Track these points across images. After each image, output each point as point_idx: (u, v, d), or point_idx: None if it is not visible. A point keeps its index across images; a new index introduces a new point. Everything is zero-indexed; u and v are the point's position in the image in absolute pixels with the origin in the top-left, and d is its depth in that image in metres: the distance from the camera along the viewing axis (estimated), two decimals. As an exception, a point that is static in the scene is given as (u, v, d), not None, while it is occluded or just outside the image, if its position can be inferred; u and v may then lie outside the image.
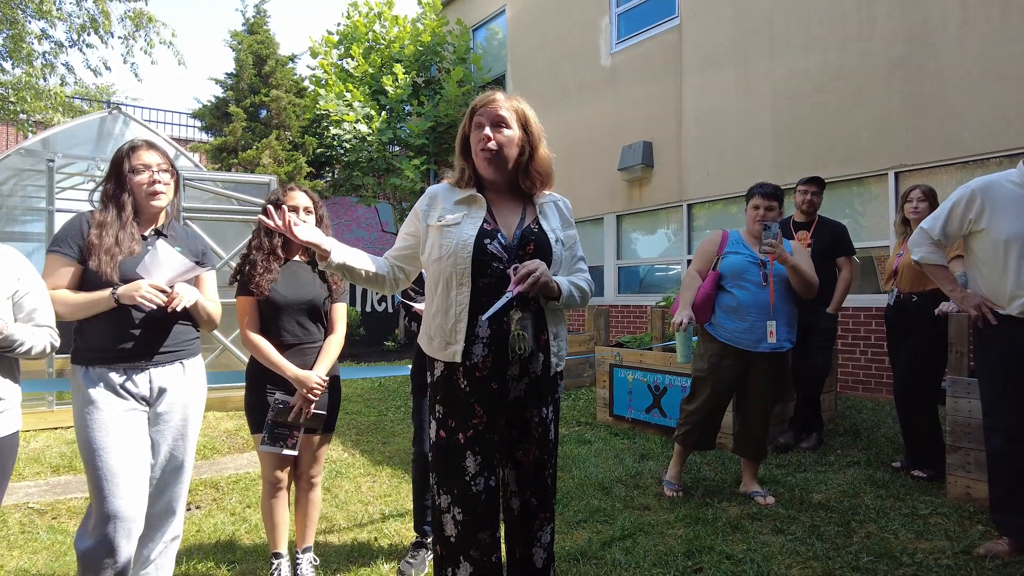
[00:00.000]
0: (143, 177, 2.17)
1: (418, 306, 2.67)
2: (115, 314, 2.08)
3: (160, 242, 2.16)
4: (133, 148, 2.20)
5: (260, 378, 2.50)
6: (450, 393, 1.94)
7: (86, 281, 2.10)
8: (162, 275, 2.10)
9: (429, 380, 2.02)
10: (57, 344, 2.02)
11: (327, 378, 2.53)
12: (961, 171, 5.83)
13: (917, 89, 6.03)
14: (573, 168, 9.42)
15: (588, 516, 3.26)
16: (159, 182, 2.19)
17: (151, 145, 2.24)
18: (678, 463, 3.68)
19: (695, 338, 3.65)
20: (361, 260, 1.98)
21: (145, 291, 2.03)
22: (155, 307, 2.06)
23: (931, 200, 3.96)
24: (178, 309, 2.11)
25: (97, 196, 2.25)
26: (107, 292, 2.04)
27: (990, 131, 5.56)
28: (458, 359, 1.89)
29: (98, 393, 2.06)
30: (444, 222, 1.94)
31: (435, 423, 1.98)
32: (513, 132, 1.94)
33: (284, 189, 2.61)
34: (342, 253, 1.93)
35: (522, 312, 1.88)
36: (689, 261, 8.33)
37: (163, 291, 2.07)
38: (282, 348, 2.49)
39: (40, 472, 4.19)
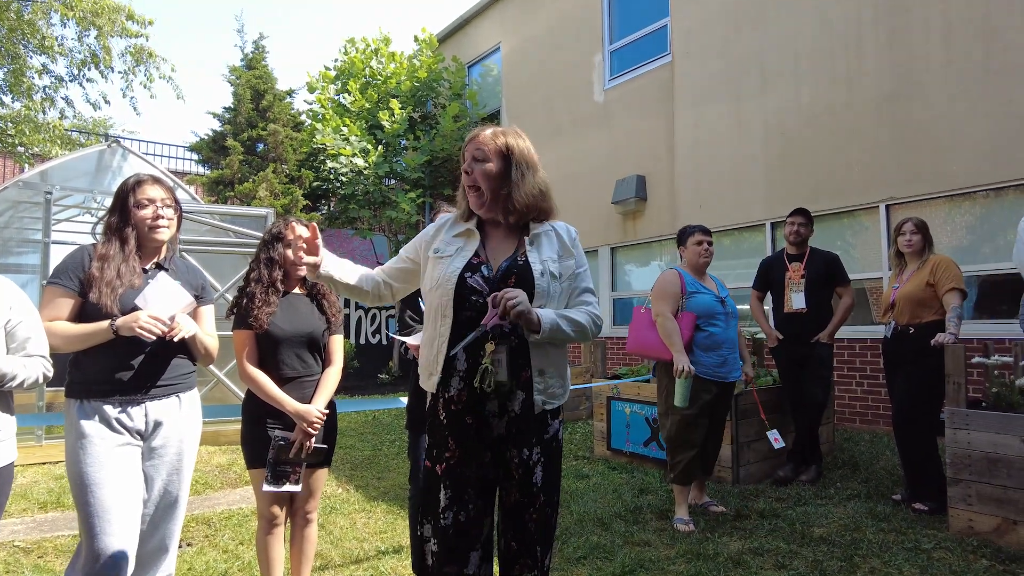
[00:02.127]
0: (147, 211, 2.18)
1: (412, 340, 2.65)
2: (112, 346, 2.06)
3: (161, 274, 2.17)
4: (139, 182, 2.22)
5: (258, 412, 2.47)
6: (433, 424, 1.97)
7: (86, 314, 2.08)
8: (162, 306, 2.09)
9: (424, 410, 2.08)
10: (50, 374, 1.98)
11: (327, 412, 2.50)
12: (949, 204, 5.93)
13: (905, 124, 6.16)
14: (568, 201, 9.49)
15: (588, 552, 3.21)
16: (162, 217, 2.20)
17: (156, 180, 2.26)
18: (683, 501, 3.70)
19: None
20: (346, 273, 2.07)
21: (144, 322, 2.01)
22: (154, 338, 2.05)
23: (923, 232, 4.02)
24: (176, 339, 2.10)
25: (100, 229, 2.26)
26: (105, 323, 2.03)
27: (976, 165, 5.67)
28: (434, 389, 1.92)
29: (92, 426, 2.03)
30: (439, 254, 1.97)
31: (423, 453, 2.03)
32: (491, 165, 1.92)
33: (286, 221, 2.61)
34: (330, 265, 2.04)
35: (496, 345, 1.83)
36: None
37: (162, 321, 2.06)
38: (280, 381, 2.47)
39: (27, 509, 4.09)
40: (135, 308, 2.08)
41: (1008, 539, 3.14)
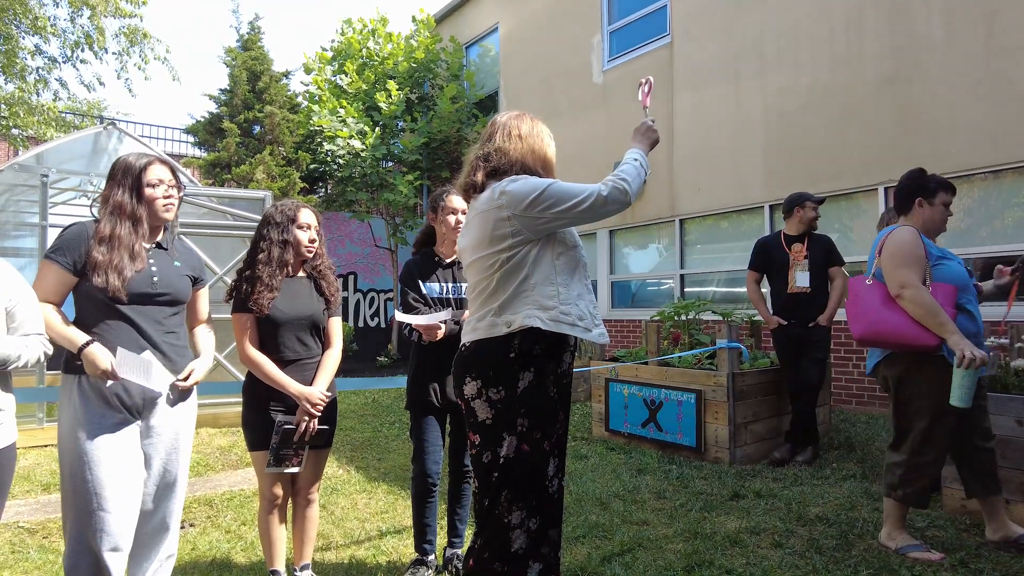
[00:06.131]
0: (158, 191, 2.18)
1: (421, 320, 2.62)
2: (111, 326, 2.07)
3: (120, 354, 2.03)
4: (149, 163, 2.20)
5: (259, 395, 2.48)
6: (538, 403, 1.94)
7: (80, 293, 2.09)
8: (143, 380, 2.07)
9: (498, 396, 1.92)
10: (50, 351, 2.00)
11: (329, 393, 2.52)
12: (949, 186, 5.92)
13: (905, 106, 6.14)
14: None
15: (587, 531, 3.25)
16: (172, 197, 2.22)
17: (163, 160, 2.26)
18: (902, 523, 2.94)
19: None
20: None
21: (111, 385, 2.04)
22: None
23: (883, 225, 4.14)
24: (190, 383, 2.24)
25: (98, 208, 2.21)
26: (79, 341, 2.00)
27: (976, 147, 5.66)
28: (606, 339, 2.06)
29: (90, 403, 2.04)
30: None
31: (515, 439, 1.91)
32: None
33: (297, 207, 2.56)
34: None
35: None
36: (683, 276, 8.38)
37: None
38: (281, 364, 2.47)
39: (30, 490, 4.13)
40: (144, 292, 2.11)
41: (1001, 518, 3.18)
